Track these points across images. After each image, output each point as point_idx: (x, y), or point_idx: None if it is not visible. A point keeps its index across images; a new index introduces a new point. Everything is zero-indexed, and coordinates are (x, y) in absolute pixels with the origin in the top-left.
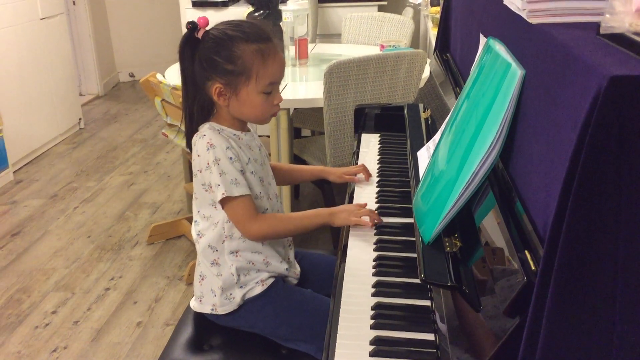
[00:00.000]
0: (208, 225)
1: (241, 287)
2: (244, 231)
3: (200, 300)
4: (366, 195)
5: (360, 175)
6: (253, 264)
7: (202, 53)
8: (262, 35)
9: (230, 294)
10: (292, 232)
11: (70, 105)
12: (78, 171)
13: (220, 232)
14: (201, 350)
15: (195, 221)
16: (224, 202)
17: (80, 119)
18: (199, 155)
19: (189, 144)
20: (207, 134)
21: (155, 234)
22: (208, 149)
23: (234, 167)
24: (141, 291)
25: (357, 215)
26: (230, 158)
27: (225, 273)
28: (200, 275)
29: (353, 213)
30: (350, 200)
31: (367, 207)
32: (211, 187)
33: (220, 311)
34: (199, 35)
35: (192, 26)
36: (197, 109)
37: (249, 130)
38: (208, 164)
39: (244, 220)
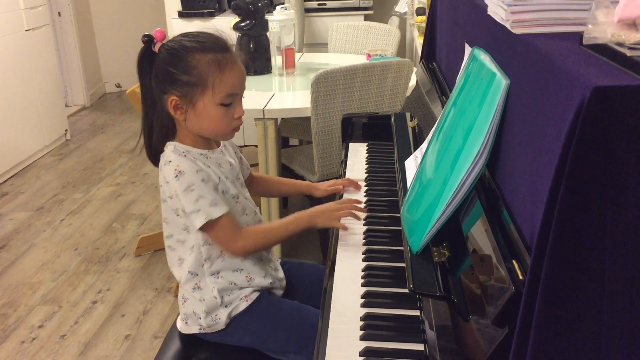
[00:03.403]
0: (184, 250)
1: (226, 306)
2: (230, 250)
3: (187, 322)
4: None
5: (349, 188)
6: (235, 284)
7: (157, 65)
8: (218, 44)
9: (216, 315)
10: (277, 241)
11: (56, 116)
12: (64, 183)
13: (198, 256)
14: None
15: (169, 246)
16: (205, 226)
17: (66, 130)
18: (167, 182)
19: (151, 159)
20: (173, 160)
21: (143, 245)
22: (177, 176)
23: (209, 188)
24: (129, 304)
25: (337, 218)
26: (203, 180)
27: (207, 297)
28: (183, 298)
29: (333, 216)
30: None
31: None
32: (185, 213)
33: (209, 330)
34: (156, 48)
35: (148, 39)
36: (157, 126)
37: (217, 147)
38: (176, 192)
39: (229, 240)
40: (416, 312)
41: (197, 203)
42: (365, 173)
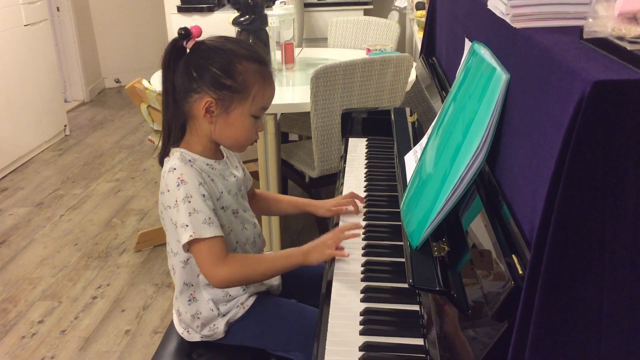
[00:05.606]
0: (177, 262)
1: (223, 315)
2: (211, 276)
3: (188, 332)
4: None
5: (350, 208)
6: (230, 295)
7: (193, 61)
8: (262, 57)
9: (214, 325)
10: (263, 275)
11: (56, 112)
12: (64, 178)
13: (193, 268)
14: (190, 359)
15: (168, 252)
16: (191, 243)
17: (65, 125)
18: (168, 191)
19: (161, 160)
20: (177, 168)
21: (142, 240)
22: (178, 185)
23: (207, 206)
24: (129, 299)
25: (331, 247)
26: (203, 195)
27: (203, 310)
28: (178, 311)
29: (327, 245)
30: (337, 222)
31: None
32: (175, 225)
33: (209, 339)
34: (188, 45)
35: (185, 33)
36: (174, 127)
37: (222, 158)
38: (176, 201)
39: (211, 264)
40: (416, 307)
41: (189, 217)
42: (365, 168)
